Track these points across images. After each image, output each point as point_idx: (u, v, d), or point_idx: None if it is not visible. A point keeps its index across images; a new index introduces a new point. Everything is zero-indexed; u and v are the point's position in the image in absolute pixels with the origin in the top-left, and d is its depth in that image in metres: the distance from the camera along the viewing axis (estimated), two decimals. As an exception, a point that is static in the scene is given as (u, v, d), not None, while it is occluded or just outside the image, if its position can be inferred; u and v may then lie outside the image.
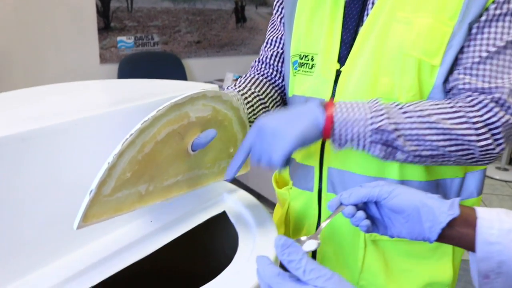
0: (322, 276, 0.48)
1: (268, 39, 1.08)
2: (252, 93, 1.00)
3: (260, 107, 1.00)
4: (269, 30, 1.09)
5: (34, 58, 3.09)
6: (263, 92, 1.02)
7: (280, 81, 1.07)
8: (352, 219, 0.67)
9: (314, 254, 0.96)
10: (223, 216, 0.89)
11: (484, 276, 0.60)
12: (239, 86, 1.01)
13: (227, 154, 0.86)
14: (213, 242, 0.95)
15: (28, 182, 0.65)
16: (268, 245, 0.78)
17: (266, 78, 1.07)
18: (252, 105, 0.99)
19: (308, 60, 0.93)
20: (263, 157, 0.76)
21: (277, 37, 1.06)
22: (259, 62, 1.10)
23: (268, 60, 1.08)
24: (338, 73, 0.87)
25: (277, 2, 1.07)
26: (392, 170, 0.86)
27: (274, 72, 1.07)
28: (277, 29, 1.07)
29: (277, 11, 1.07)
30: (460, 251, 0.93)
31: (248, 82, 1.04)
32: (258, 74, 1.08)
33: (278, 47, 1.06)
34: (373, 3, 0.85)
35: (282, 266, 0.52)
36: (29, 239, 0.66)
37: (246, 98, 0.98)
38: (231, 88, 1.01)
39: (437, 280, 0.90)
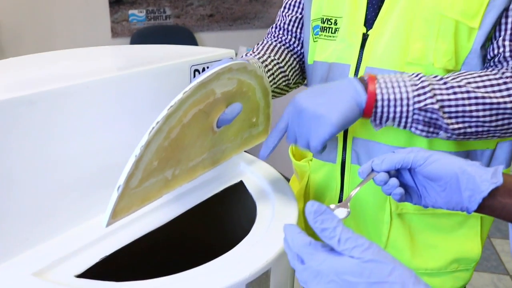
0: (359, 246, 0.44)
1: (286, 3, 1.03)
2: (272, 60, 0.96)
3: (280, 75, 0.96)
4: None
5: (44, 33, 3.06)
6: (282, 60, 0.98)
7: (298, 48, 1.03)
8: (384, 187, 0.63)
9: None
10: (240, 186, 0.86)
11: None
12: (258, 53, 0.97)
13: (249, 124, 0.83)
14: (229, 213, 0.92)
15: (37, 147, 0.62)
16: (288, 216, 0.75)
17: (284, 45, 1.02)
18: (273, 73, 0.95)
19: (331, 24, 0.88)
20: (300, 140, 0.72)
21: (295, 1, 1.01)
22: (276, 28, 1.05)
23: (286, 26, 1.03)
24: (364, 37, 0.83)
25: None
26: (421, 140, 0.81)
27: (293, 39, 1.02)
28: None
29: None
30: (487, 226, 0.89)
31: (267, 49, 0.99)
32: (275, 41, 1.03)
33: (296, 11, 1.01)
34: None
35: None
36: (35, 209, 0.64)
37: (266, 65, 0.94)
38: (250, 54, 0.97)
39: (464, 255, 0.87)
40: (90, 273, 0.63)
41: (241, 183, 0.86)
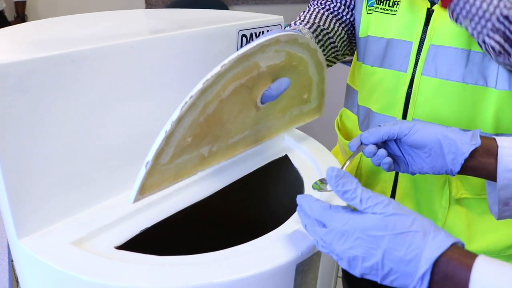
0: (380, 202, 0.47)
1: None
2: (321, 29, 0.89)
3: (330, 46, 0.90)
4: None
5: (78, 3, 3.04)
6: (332, 29, 0.91)
7: (348, 16, 0.95)
8: (374, 158, 0.67)
9: None
10: (285, 160, 0.81)
11: (504, 203, 0.62)
12: (306, 22, 0.90)
13: (300, 100, 0.77)
14: (273, 188, 0.88)
15: (78, 109, 0.58)
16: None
17: (331, 13, 0.95)
18: (323, 44, 0.89)
19: None
20: None
21: None
22: None
23: None
24: (429, 12, 0.76)
25: None
26: (485, 120, 0.75)
27: (342, 7, 0.94)
28: None
29: None
30: None
31: (315, 17, 0.92)
32: (322, 8, 0.95)
33: None
34: None
35: None
36: (74, 175, 0.61)
37: (317, 36, 0.87)
38: (298, 23, 0.90)
39: None
40: (130, 245, 0.60)
41: (286, 158, 0.81)
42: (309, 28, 0.87)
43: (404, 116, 0.81)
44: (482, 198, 0.78)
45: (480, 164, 0.62)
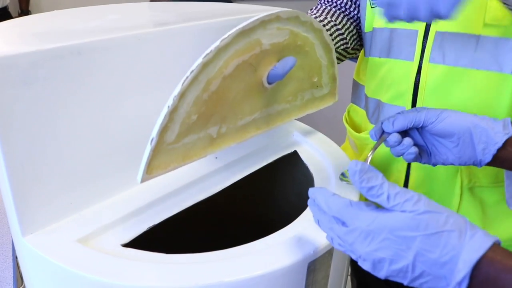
0: (409, 199, 0.43)
1: None
2: (329, 22, 0.88)
3: (339, 37, 0.88)
4: None
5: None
6: (340, 23, 0.90)
7: (355, 12, 0.94)
8: (398, 148, 0.63)
9: None
10: (294, 156, 0.79)
11: None
12: (315, 17, 0.89)
13: (310, 84, 0.75)
14: (282, 185, 0.86)
15: (83, 102, 0.57)
16: (349, 190, 0.68)
17: (339, 9, 0.94)
18: (333, 39, 0.87)
19: None
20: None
21: None
22: None
23: None
24: None
25: None
26: (500, 107, 0.73)
27: (349, 3, 0.94)
28: None
29: None
30: None
31: (323, 12, 0.92)
32: (330, 5, 0.95)
33: None
34: None
35: None
36: (80, 171, 0.59)
37: (327, 30, 0.86)
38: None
39: None
40: (137, 243, 0.58)
41: (295, 153, 0.80)
42: (316, 18, 0.86)
43: (414, 105, 0.79)
44: (498, 186, 0.77)
45: (510, 154, 0.59)
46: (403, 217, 0.42)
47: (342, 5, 0.94)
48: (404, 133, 0.64)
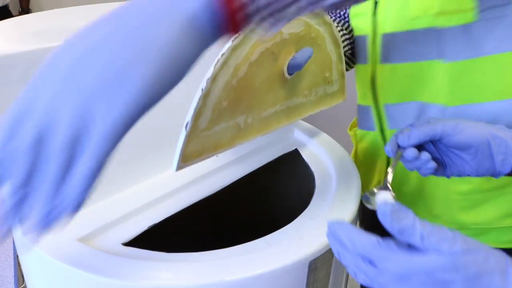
0: (444, 238, 0.39)
1: None
2: (336, 26, 0.89)
3: (344, 37, 0.89)
4: None
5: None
6: (348, 29, 0.91)
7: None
8: (415, 162, 0.60)
9: None
10: (295, 154, 0.79)
11: None
12: None
13: (322, 79, 0.76)
14: (283, 183, 0.86)
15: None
16: (351, 187, 0.68)
17: (343, 19, 0.96)
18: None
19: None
20: None
21: None
22: None
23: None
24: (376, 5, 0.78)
25: None
26: (438, 92, 0.74)
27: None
28: None
29: None
30: None
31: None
32: (334, 15, 0.97)
33: None
34: None
35: None
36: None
37: None
38: None
39: None
40: (138, 241, 0.58)
41: (296, 152, 0.80)
42: None
43: (376, 103, 0.82)
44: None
45: None
46: (440, 258, 0.39)
47: (345, 15, 0.96)
48: (418, 146, 0.61)
